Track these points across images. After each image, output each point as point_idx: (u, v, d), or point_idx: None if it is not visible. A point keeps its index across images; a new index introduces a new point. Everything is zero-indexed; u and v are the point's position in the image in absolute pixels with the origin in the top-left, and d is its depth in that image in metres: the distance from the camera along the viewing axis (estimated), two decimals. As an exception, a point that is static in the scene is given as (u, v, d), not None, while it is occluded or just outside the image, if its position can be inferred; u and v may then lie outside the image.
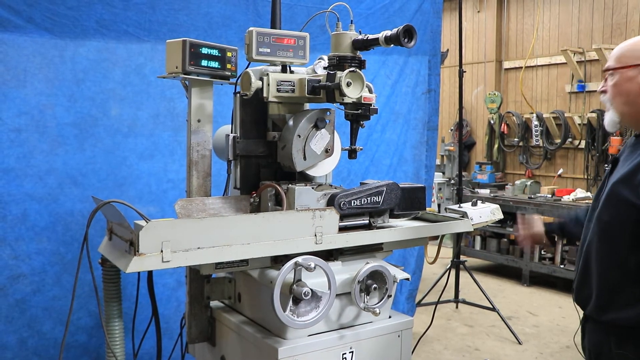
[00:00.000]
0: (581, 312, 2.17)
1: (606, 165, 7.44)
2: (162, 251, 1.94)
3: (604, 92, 2.09)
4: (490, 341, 4.97)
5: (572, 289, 2.18)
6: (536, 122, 8.28)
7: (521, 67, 8.65)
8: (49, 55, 3.14)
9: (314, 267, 2.11)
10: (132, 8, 3.29)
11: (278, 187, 2.38)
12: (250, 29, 2.36)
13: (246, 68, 2.49)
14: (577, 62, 7.86)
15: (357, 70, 2.29)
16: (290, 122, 2.47)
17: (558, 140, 8.17)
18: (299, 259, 2.12)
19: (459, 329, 5.27)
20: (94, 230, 2.38)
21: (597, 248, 2.00)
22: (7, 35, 3.01)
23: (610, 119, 2.09)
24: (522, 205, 6.70)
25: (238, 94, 2.54)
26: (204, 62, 2.48)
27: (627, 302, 1.92)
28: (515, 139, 8.80)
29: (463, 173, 6.54)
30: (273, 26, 2.64)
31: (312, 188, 2.39)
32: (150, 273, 2.61)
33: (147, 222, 1.95)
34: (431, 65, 4.62)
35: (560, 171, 8.29)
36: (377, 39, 2.33)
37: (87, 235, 2.23)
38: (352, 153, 2.54)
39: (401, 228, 2.53)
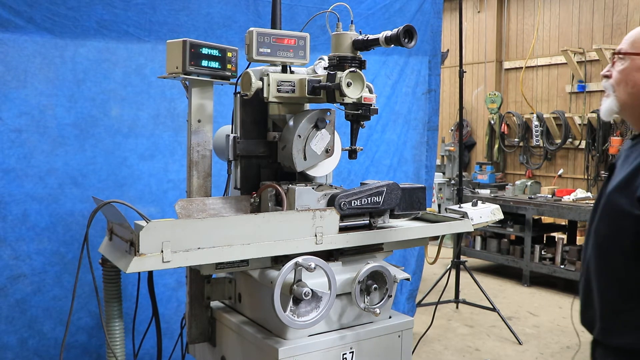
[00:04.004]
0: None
1: (603, 173, 7.37)
2: (162, 251, 1.94)
3: (607, 76, 1.81)
4: (491, 341, 4.97)
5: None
6: (536, 123, 8.29)
7: (521, 68, 8.65)
8: (49, 56, 3.14)
9: (315, 268, 2.11)
10: (132, 8, 3.29)
11: (278, 188, 2.38)
12: (251, 29, 2.36)
13: (246, 68, 2.49)
14: (577, 62, 7.86)
15: (358, 70, 2.29)
16: (291, 123, 2.47)
17: (558, 141, 8.17)
18: (299, 259, 2.12)
19: (459, 329, 5.27)
20: (94, 230, 2.38)
21: (596, 265, 1.75)
22: (7, 36, 3.01)
23: (608, 107, 1.82)
24: (522, 206, 6.70)
25: (238, 94, 2.54)
26: (205, 63, 2.48)
27: (632, 324, 1.66)
28: (516, 139, 8.81)
29: (463, 173, 6.54)
30: (273, 26, 2.64)
31: (313, 188, 2.39)
32: (150, 273, 2.61)
33: (147, 222, 1.95)
34: (431, 65, 4.62)
35: (561, 171, 8.29)
36: (377, 39, 2.33)
37: (88, 236, 2.24)
38: (352, 153, 2.54)
39: (401, 228, 2.53)
